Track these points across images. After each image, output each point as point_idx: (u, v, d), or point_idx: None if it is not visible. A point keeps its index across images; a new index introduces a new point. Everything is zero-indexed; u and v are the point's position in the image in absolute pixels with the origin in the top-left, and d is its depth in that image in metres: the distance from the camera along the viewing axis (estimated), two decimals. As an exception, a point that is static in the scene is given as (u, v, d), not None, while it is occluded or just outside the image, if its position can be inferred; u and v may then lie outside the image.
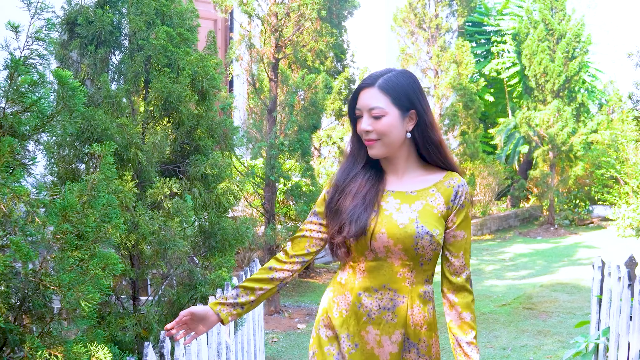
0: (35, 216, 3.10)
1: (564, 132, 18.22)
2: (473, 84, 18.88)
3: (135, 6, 5.34)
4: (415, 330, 3.20)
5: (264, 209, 10.45)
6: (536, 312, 10.15)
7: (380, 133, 3.14)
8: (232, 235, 5.55)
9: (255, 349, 5.88)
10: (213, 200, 5.44)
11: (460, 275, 3.24)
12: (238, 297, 3.25)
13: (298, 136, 10.18)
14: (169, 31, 5.31)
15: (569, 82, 18.53)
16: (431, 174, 3.28)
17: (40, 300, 3.16)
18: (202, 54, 5.51)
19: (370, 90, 3.16)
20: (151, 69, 5.28)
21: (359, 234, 3.14)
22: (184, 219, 5.04)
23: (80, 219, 3.26)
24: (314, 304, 10.67)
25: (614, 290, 5.74)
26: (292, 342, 8.77)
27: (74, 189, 3.38)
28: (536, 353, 8.13)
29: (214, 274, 5.22)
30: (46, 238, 3.16)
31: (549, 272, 13.34)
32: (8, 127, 3.09)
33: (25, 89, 3.09)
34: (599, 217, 20.18)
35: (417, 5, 17.85)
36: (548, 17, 18.56)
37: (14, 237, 2.97)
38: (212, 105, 5.55)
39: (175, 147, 5.44)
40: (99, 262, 3.18)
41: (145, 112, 5.31)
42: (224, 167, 5.45)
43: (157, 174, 5.23)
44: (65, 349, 3.16)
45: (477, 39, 23.58)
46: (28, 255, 2.96)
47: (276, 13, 10.09)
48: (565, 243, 16.91)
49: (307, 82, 10.29)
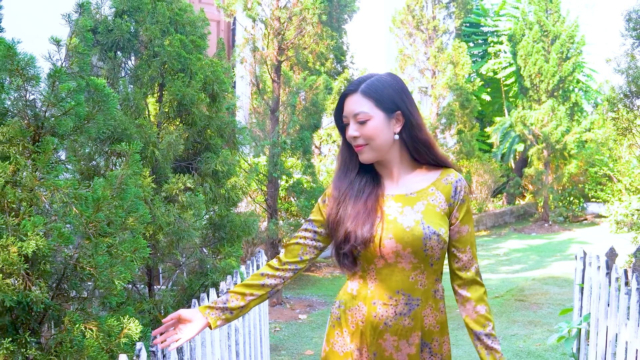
0: (73, 206, 3.53)
1: (558, 130, 18.62)
2: (469, 84, 19.28)
3: (151, 15, 5.78)
4: (429, 330, 3.19)
5: (267, 205, 10.87)
6: (527, 303, 10.56)
7: (367, 137, 3.12)
8: (240, 227, 5.99)
9: (260, 334, 6.30)
10: (222, 195, 5.87)
11: (469, 270, 3.23)
12: (228, 302, 3.20)
13: (300, 135, 10.60)
14: (182, 39, 5.75)
15: (563, 82, 18.95)
16: (427, 173, 3.26)
17: (77, 280, 3.60)
18: (213, 60, 5.96)
19: (354, 96, 3.14)
20: (166, 74, 5.72)
21: (367, 241, 3.11)
22: (196, 211, 5.47)
23: (110, 209, 3.71)
24: (315, 296, 11.09)
25: (593, 279, 6.13)
26: (294, 331, 9.19)
27: (101, 183, 3.82)
28: (526, 341, 8.54)
29: (224, 262, 5.66)
30: (82, 226, 3.60)
31: (542, 266, 13.77)
32: (49, 129, 3.53)
33: (64, 94, 3.53)
34: (593, 214, 20.51)
35: (415, 7, 18.27)
36: (543, 19, 18.97)
37: (56, 224, 3.41)
38: (221, 106, 5.99)
39: (187, 145, 5.87)
40: (129, 246, 3.62)
41: (161, 113, 5.75)
42: (232, 164, 5.89)
43: (171, 170, 5.67)
44: (99, 323, 3.60)
45: (474, 40, 23.91)
46: (69, 240, 3.40)
47: (279, 17, 10.52)
48: (558, 239, 17.34)
49: (309, 84, 10.71)
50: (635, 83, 6.00)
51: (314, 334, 9.05)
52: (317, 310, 10.28)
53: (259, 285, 3.24)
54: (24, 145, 3.52)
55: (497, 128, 21.64)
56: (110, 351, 3.55)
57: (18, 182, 3.53)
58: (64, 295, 3.74)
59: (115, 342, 3.56)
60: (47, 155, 3.44)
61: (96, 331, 3.56)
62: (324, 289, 11.59)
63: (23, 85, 3.45)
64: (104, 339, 3.57)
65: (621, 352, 5.43)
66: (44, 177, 3.47)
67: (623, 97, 6.15)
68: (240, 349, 5.47)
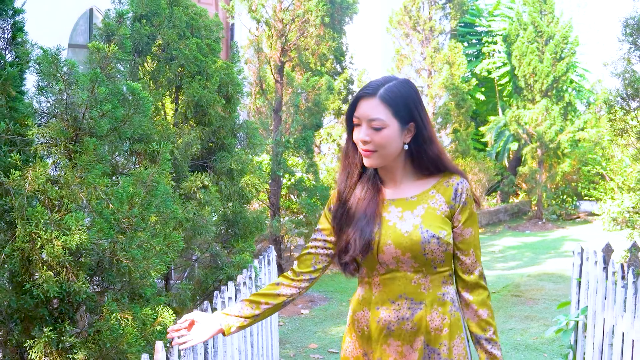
0: (110, 203, 3.78)
1: (551, 130, 18.83)
2: (465, 84, 19.51)
3: (168, 20, 6.02)
4: (435, 335, 3.14)
5: (270, 203, 11.13)
6: (523, 299, 10.83)
7: (378, 145, 3.07)
8: (253, 223, 6.24)
9: (271, 327, 6.56)
10: (237, 192, 6.12)
11: (472, 273, 3.19)
12: (242, 310, 3.19)
13: (302, 134, 10.86)
14: (198, 42, 6.00)
15: (557, 82, 19.15)
16: (428, 177, 3.22)
17: (114, 272, 3.85)
18: (228, 62, 6.21)
19: (372, 100, 3.07)
20: (183, 76, 5.96)
21: (365, 249, 3.11)
22: (213, 208, 5.71)
23: (143, 206, 3.95)
24: (316, 292, 11.32)
25: (591, 273, 6.37)
26: (297, 325, 9.44)
27: (129, 181, 4.07)
28: (523, 335, 8.81)
29: (239, 257, 5.91)
30: (117, 221, 3.84)
31: (536, 263, 14.01)
32: (88, 130, 3.77)
33: (102, 98, 3.77)
34: (586, 212, 20.65)
35: (412, 8, 18.50)
36: (537, 20, 19.18)
37: (97, 219, 3.66)
38: (235, 107, 6.25)
39: (203, 145, 6.12)
40: (164, 240, 3.87)
41: (178, 114, 5.99)
42: (246, 163, 6.15)
43: (188, 168, 5.92)
44: (134, 312, 3.85)
45: (468, 40, 24.07)
46: (109, 234, 3.65)
47: (282, 19, 10.77)
48: (552, 236, 17.58)
49: (311, 84, 10.98)
50: (631, 86, 6.26)
51: (316, 328, 9.30)
52: (319, 306, 10.52)
53: (274, 295, 3.24)
54: (65, 145, 3.76)
55: (491, 127, 21.80)
56: (146, 339, 3.79)
57: (58, 180, 3.77)
58: (100, 287, 3.98)
59: (150, 330, 3.80)
60: (87, 155, 3.68)
61: (131, 320, 3.80)
62: (324, 285, 11.81)
63: (65, 89, 3.69)
64: (139, 327, 3.82)
65: (618, 342, 5.68)
66: (83, 176, 3.71)
67: (619, 100, 6.42)
68: (255, 340, 5.72)
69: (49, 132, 3.75)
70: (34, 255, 3.59)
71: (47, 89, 3.85)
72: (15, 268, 3.64)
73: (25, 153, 3.88)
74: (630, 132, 6.52)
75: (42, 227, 3.52)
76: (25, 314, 3.84)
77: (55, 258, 3.50)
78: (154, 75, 6.08)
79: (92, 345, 3.76)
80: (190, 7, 6.20)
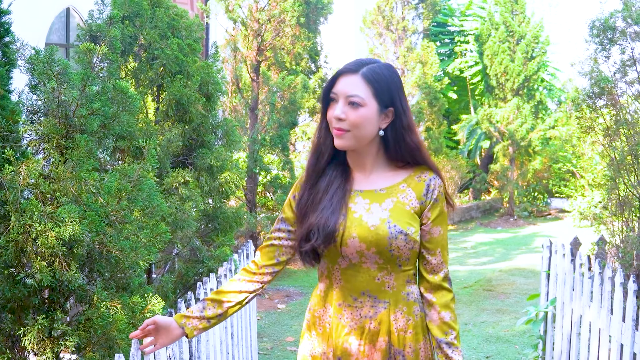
0: (99, 197, 3.95)
1: (523, 128, 19.12)
2: (437, 83, 19.71)
3: (149, 21, 6.19)
4: (399, 336, 3.02)
5: (247, 199, 11.31)
6: (495, 293, 11.07)
7: (353, 124, 2.92)
8: (232, 218, 6.44)
9: (250, 318, 6.74)
10: (216, 188, 6.31)
11: (437, 274, 3.05)
12: (205, 310, 3.09)
13: (278, 132, 11.07)
14: (179, 42, 6.18)
15: (528, 81, 19.41)
16: (400, 170, 3.08)
17: (104, 262, 4.02)
18: (208, 62, 6.40)
19: (353, 76, 2.94)
20: (164, 75, 6.14)
21: (327, 240, 2.97)
22: (194, 203, 5.90)
23: (130, 200, 4.13)
24: (292, 287, 11.52)
25: (559, 266, 6.57)
26: (274, 319, 9.63)
27: (115, 176, 4.24)
28: (494, 327, 9.03)
29: (219, 250, 6.10)
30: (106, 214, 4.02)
31: (508, 258, 14.25)
32: (79, 127, 3.95)
33: (92, 96, 3.95)
34: (557, 209, 20.89)
35: (385, 8, 18.73)
36: (509, 20, 19.43)
37: (88, 211, 3.84)
38: (215, 106, 6.44)
39: (184, 142, 6.30)
40: (151, 232, 4.05)
41: (160, 112, 6.17)
42: (225, 160, 6.33)
43: (170, 165, 6.10)
44: (122, 301, 4.02)
45: (441, 39, 24.24)
46: (100, 226, 3.82)
47: (258, 19, 10.96)
48: (523, 233, 17.83)
49: (287, 83, 11.19)
50: (597, 85, 6.50)
51: (293, 322, 9.48)
52: (295, 300, 10.71)
53: (237, 292, 3.12)
54: (57, 141, 3.93)
55: (463, 125, 21.99)
56: (135, 326, 3.97)
57: (49, 174, 3.94)
58: (90, 277, 4.15)
59: (140, 317, 3.99)
60: (79, 151, 3.86)
61: (120, 308, 3.98)
62: (300, 280, 12.01)
63: (57, 88, 3.86)
64: (128, 315, 3.99)
65: (585, 332, 5.90)
66: (74, 171, 3.88)
67: (586, 98, 6.65)
68: (235, 331, 5.90)
69: (42, 129, 3.91)
70: (27, 246, 3.75)
71: (39, 87, 4.02)
72: (10, 259, 3.80)
73: (15, 149, 4.04)
74: (597, 129, 6.75)
75: (37, 219, 3.69)
76: (18, 304, 4.00)
77: (49, 249, 3.66)
78: (136, 75, 6.25)
79: (82, 332, 3.93)
80: (171, 8, 6.39)
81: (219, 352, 5.28)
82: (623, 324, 5.23)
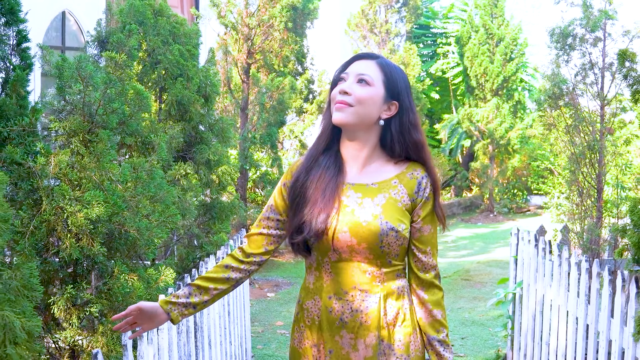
0: (118, 184, 4.59)
1: (502, 127, 19.62)
2: (420, 84, 20.11)
3: (153, 28, 6.82)
4: (389, 330, 2.99)
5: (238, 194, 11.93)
6: (472, 282, 11.68)
7: (357, 99, 2.92)
8: (228, 207, 7.07)
9: (244, 298, 7.34)
10: (214, 180, 6.94)
11: (429, 272, 3.05)
12: (191, 297, 3.07)
13: (267, 131, 11.70)
14: (180, 48, 6.81)
15: (507, 81, 19.93)
16: (393, 165, 3.07)
17: (123, 240, 4.65)
18: (206, 66, 7.04)
19: (369, 61, 3.01)
20: (167, 78, 6.78)
21: (319, 234, 2.96)
22: (194, 194, 6.53)
23: (145, 187, 4.77)
24: (280, 277, 12.12)
25: (525, 251, 7.12)
26: (264, 306, 10.23)
27: (127, 167, 4.87)
28: (470, 313, 9.65)
29: (216, 236, 6.73)
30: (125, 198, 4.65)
31: (486, 251, 14.83)
32: (101, 123, 4.58)
33: (113, 97, 4.59)
34: (535, 206, 21.21)
35: (369, 11, 19.26)
36: (488, 23, 19.97)
37: (111, 196, 4.47)
38: (212, 105, 7.08)
39: (184, 138, 6.94)
40: (163, 214, 4.69)
41: (162, 111, 6.80)
42: (222, 155, 6.97)
43: (172, 159, 6.74)
44: (139, 274, 4.65)
45: (424, 41, 24.50)
46: (120, 208, 4.45)
47: (248, 24, 11.59)
48: (502, 228, 18.30)
49: (276, 85, 11.82)
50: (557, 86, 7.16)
51: (282, 308, 10.07)
52: (284, 289, 11.29)
53: (223, 279, 3.10)
54: (83, 136, 4.56)
55: (445, 125, 22.29)
56: (150, 294, 4.60)
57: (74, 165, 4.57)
58: (110, 253, 4.77)
59: (155, 287, 4.62)
60: (102, 144, 4.49)
61: (137, 280, 4.61)
62: (288, 271, 12.59)
63: (83, 90, 4.49)
64: (144, 285, 4.62)
65: (547, 309, 6.48)
66: (97, 162, 4.51)
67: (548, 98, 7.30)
68: (231, 309, 6.52)
69: (69, 125, 4.53)
70: (58, 226, 4.38)
71: (65, 89, 4.64)
72: (43, 237, 4.41)
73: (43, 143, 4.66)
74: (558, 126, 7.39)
75: (67, 202, 4.31)
76: (48, 276, 4.62)
77: (78, 227, 4.29)
78: (140, 78, 6.87)
79: (104, 300, 4.56)
80: (172, 16, 7.02)
81: (218, 326, 5.89)
82: (578, 299, 5.82)
